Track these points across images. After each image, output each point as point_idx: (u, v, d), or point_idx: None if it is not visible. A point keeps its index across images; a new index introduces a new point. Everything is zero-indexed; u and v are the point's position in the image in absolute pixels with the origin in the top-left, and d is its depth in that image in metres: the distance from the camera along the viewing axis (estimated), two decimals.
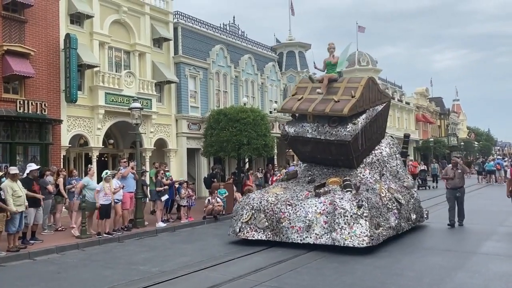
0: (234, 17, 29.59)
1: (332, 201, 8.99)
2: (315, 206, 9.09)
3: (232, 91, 26.01)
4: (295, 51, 30.42)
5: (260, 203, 9.63)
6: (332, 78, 10.24)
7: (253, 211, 9.55)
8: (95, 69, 19.01)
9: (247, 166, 22.20)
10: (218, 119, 19.73)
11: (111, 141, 21.78)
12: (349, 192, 9.14)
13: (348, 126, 9.73)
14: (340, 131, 9.68)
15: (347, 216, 8.55)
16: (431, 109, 51.78)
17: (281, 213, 9.30)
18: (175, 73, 23.25)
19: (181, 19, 24.40)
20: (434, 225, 12.06)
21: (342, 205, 8.82)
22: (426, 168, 27.94)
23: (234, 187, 17.26)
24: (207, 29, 25.85)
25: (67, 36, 17.48)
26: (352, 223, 8.47)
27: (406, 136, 12.82)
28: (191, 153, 23.70)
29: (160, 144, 22.51)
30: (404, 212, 10.22)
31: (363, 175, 10.37)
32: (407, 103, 45.91)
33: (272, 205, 9.48)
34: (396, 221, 9.72)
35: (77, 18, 19.07)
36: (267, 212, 9.43)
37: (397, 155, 11.53)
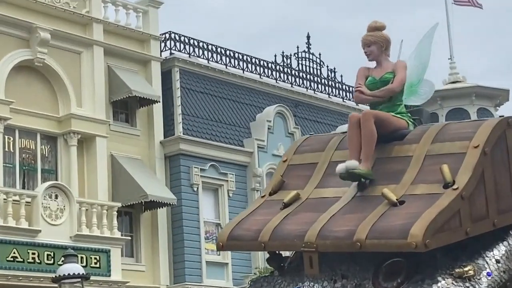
0: (308, 37, 29.18)
1: None
2: None
3: None
4: (470, 110, 30.14)
5: None
6: (389, 126, 8.85)
7: None
8: None
9: None
10: None
11: None
12: None
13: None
14: None
15: None
16: None
17: None
18: (168, 183, 23.84)
19: (179, 51, 25.46)
20: None
21: None
22: None
23: None
24: (242, 68, 26.78)
25: None
26: None
27: None
28: None
29: None
30: None
31: None
32: None
33: None
34: None
35: None
36: None
37: None
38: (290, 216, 8.55)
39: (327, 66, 28.95)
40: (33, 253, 19.62)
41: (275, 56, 27.51)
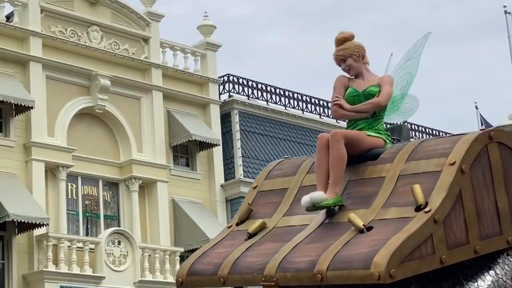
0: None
1: None
2: None
3: None
4: None
5: None
6: (362, 147, 7.81)
7: None
8: (37, 232, 19.72)
9: None
10: None
11: None
12: None
13: None
14: None
15: None
16: None
17: None
18: None
19: (237, 93, 25.69)
20: None
21: None
22: None
23: None
24: (301, 108, 26.91)
25: None
26: None
27: None
28: None
29: None
30: None
31: None
32: None
33: None
34: None
35: None
36: None
37: None
38: (253, 247, 7.66)
39: None
40: None
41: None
